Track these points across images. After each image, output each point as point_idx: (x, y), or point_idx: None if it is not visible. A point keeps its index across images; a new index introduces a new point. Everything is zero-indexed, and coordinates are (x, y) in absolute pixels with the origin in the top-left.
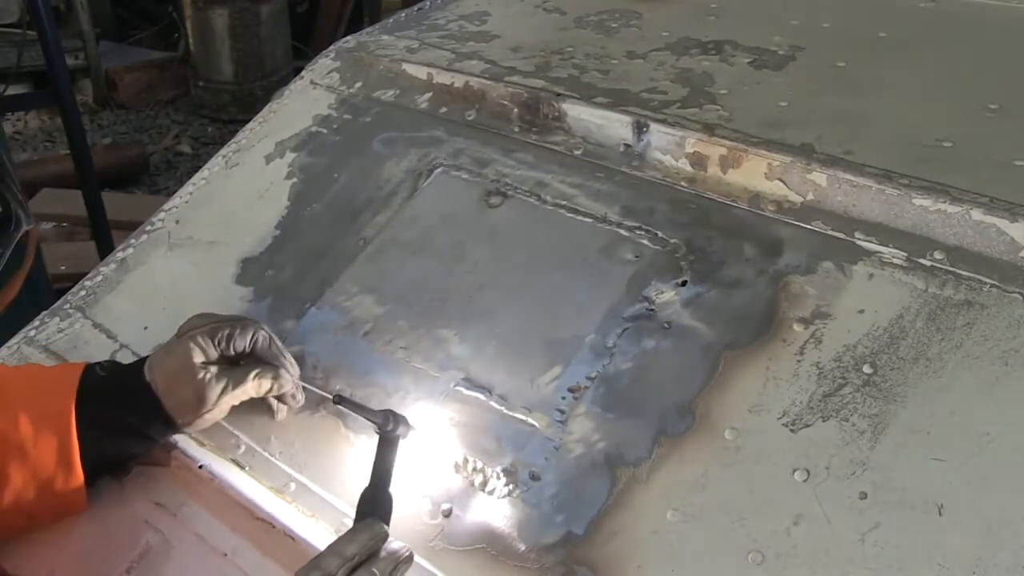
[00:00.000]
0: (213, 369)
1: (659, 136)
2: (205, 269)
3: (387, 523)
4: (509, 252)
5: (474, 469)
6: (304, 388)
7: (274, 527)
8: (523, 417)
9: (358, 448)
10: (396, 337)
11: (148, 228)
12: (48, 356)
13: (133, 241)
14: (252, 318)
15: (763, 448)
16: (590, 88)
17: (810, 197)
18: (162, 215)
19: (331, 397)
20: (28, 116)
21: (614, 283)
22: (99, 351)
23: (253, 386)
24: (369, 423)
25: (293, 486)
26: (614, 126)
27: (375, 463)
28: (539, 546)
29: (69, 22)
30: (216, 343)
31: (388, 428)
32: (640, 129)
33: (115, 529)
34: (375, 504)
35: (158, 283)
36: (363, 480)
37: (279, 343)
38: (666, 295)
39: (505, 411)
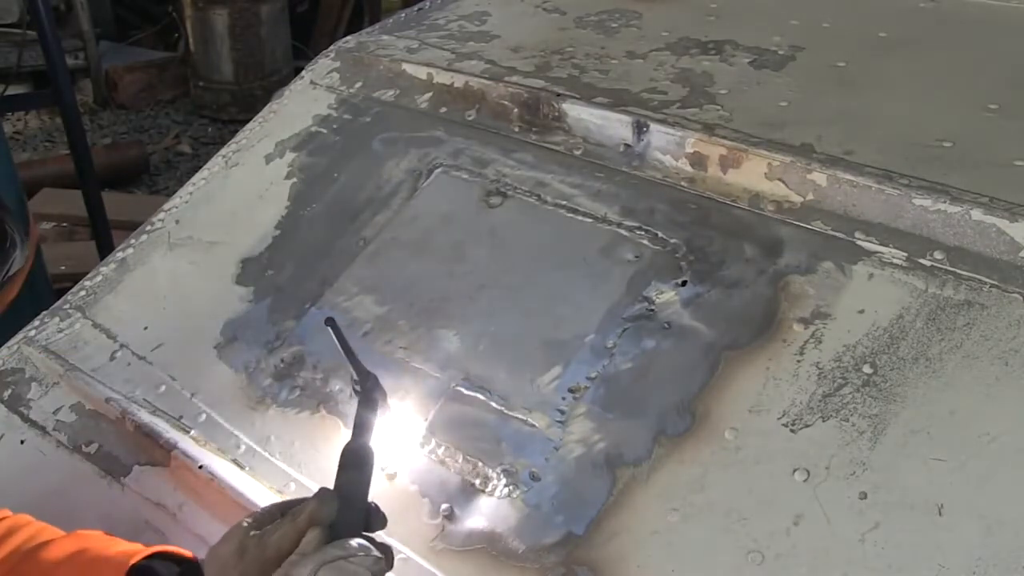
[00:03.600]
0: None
1: (659, 136)
2: (205, 269)
3: (370, 478)
4: (509, 252)
5: (474, 469)
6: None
7: None
8: (523, 417)
9: None
10: (396, 337)
11: (148, 228)
12: (48, 356)
13: (133, 241)
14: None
15: (763, 448)
16: (590, 88)
17: (810, 197)
18: (162, 215)
19: (324, 320)
20: (28, 116)
21: (614, 283)
22: (99, 351)
23: (290, 523)
24: (349, 376)
25: (293, 486)
26: (614, 126)
27: (356, 417)
28: (539, 546)
29: (69, 22)
30: (270, 512)
31: (367, 387)
32: (640, 129)
33: (115, 529)
34: (357, 456)
35: (158, 283)
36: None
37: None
38: (666, 295)
39: (505, 411)
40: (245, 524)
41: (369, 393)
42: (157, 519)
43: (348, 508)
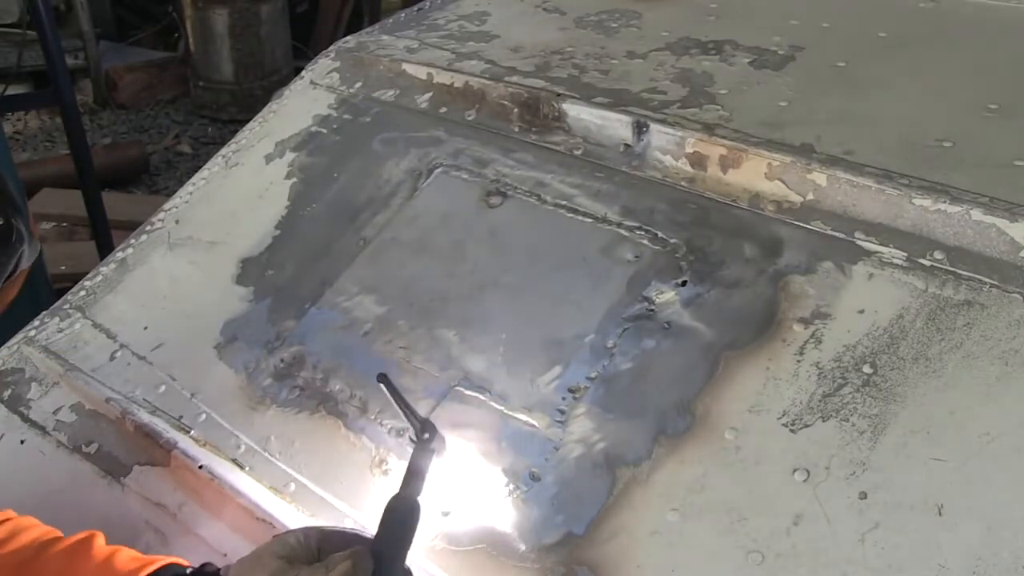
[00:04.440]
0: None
1: (659, 136)
2: (205, 269)
3: (412, 538)
4: (509, 252)
5: (474, 469)
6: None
7: (274, 527)
8: (523, 417)
9: (358, 448)
10: (396, 337)
11: (148, 228)
12: (48, 356)
13: (133, 241)
14: (362, 536)
15: (763, 448)
16: (590, 88)
17: (810, 197)
18: (162, 215)
19: (376, 376)
20: (28, 116)
21: (614, 283)
22: (99, 351)
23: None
24: (399, 426)
25: (293, 486)
26: (614, 126)
27: (409, 466)
28: (539, 546)
29: (69, 22)
30: (304, 538)
31: (424, 437)
32: (640, 129)
33: (115, 529)
34: (403, 512)
35: (158, 283)
36: (362, 480)
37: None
38: (666, 295)
39: (505, 411)
40: (278, 554)
41: (427, 443)
42: (157, 519)
43: (383, 571)
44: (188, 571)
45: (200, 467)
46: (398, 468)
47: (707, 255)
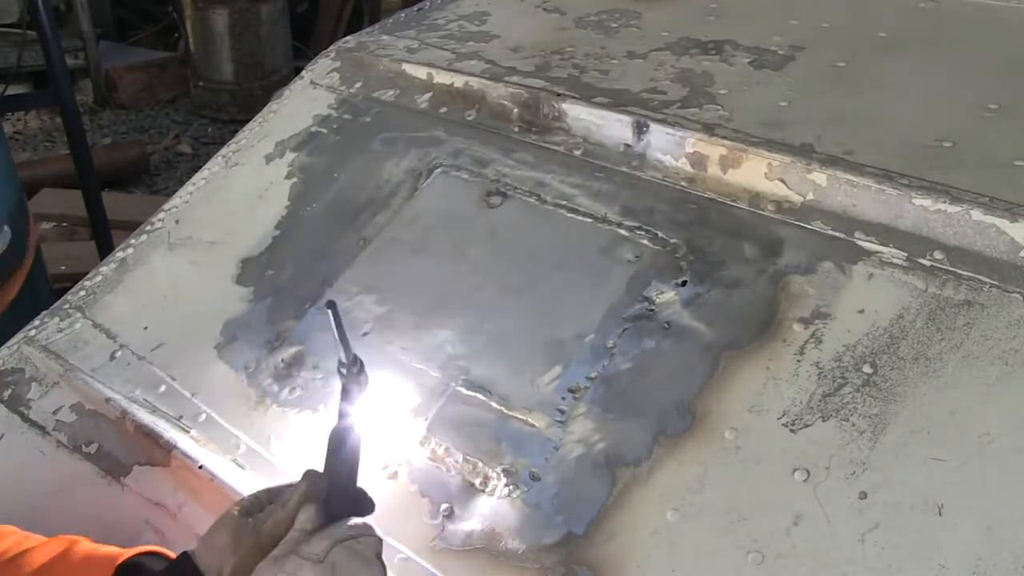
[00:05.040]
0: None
1: (659, 136)
2: (205, 269)
3: (357, 460)
4: (509, 252)
5: (474, 469)
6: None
7: None
8: (523, 417)
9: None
10: (396, 337)
11: (148, 228)
12: (48, 356)
13: (133, 241)
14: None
15: (763, 448)
16: (590, 88)
17: (810, 197)
18: (162, 215)
19: (326, 302)
20: (28, 116)
21: (614, 283)
22: (99, 351)
23: (282, 508)
24: (336, 359)
25: None
26: (614, 126)
27: (341, 400)
28: (539, 546)
29: (69, 22)
30: (254, 498)
31: (353, 370)
32: (640, 129)
33: (115, 529)
34: (343, 438)
35: (158, 283)
36: (361, 480)
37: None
38: (666, 295)
39: (505, 411)
40: (235, 512)
41: (356, 376)
42: (157, 519)
43: (339, 490)
44: (165, 565)
45: (200, 467)
46: (398, 469)
47: (707, 255)
